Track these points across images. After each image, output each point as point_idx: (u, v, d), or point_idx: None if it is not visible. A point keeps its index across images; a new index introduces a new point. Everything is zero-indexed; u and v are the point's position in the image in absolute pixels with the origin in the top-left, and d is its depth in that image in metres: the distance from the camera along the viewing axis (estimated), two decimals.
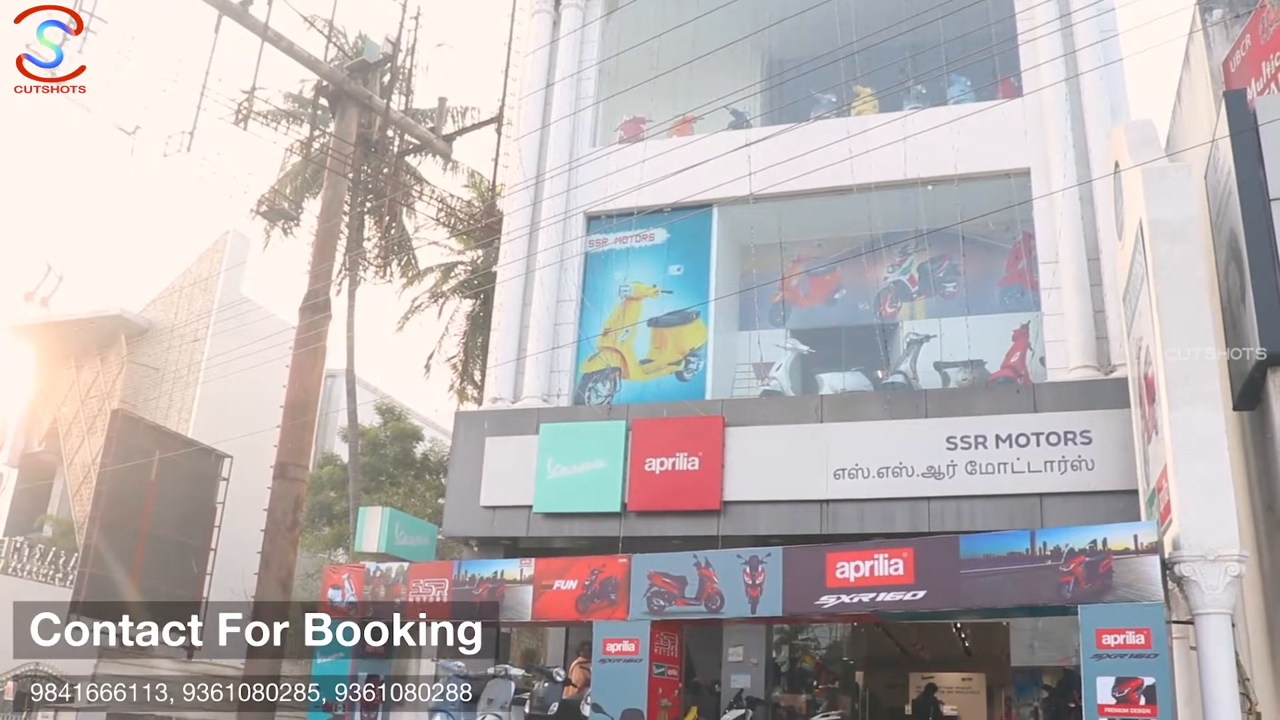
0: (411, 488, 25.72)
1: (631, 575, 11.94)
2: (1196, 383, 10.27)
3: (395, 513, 18.02)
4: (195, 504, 21.76)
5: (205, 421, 27.78)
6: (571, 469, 16.06)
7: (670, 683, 12.10)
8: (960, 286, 17.10)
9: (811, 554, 11.23)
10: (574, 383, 17.79)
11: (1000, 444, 14.32)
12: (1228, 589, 9.71)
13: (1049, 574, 9.97)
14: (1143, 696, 9.33)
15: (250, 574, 20.80)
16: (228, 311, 28.18)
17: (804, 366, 17.56)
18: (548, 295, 17.89)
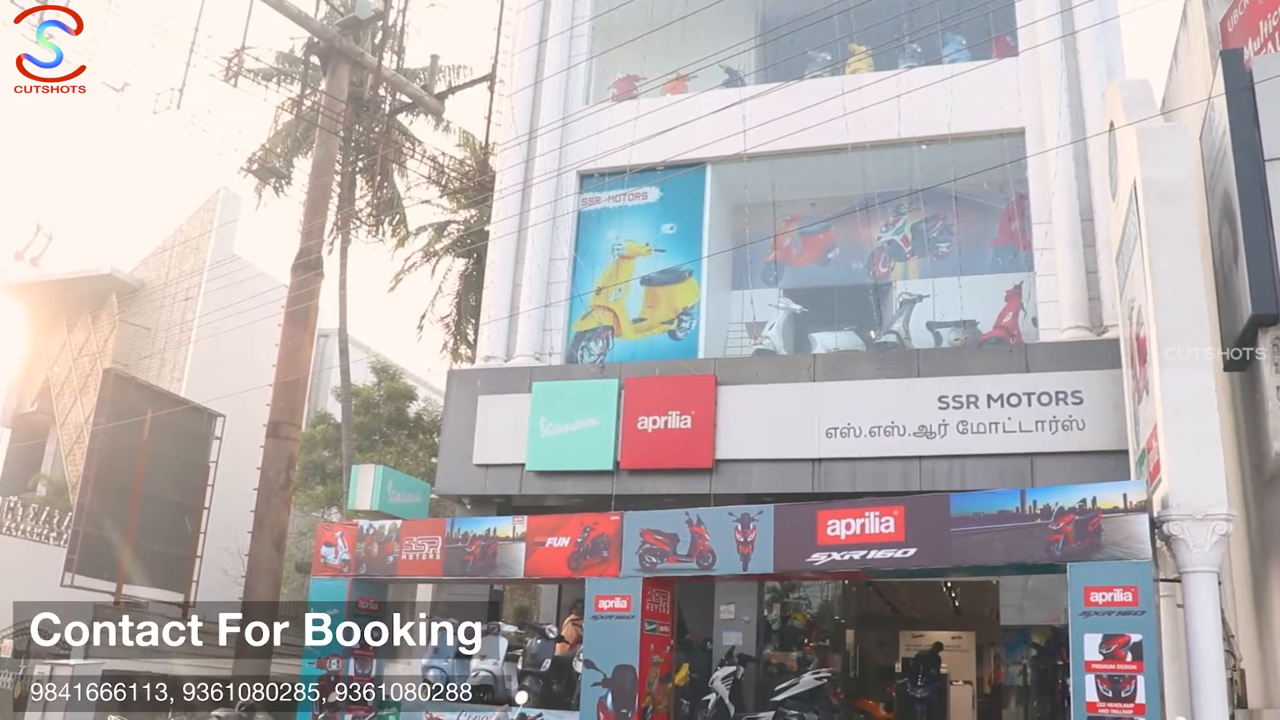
0: (405, 447, 25.74)
1: (624, 532, 11.99)
2: (1187, 343, 10.27)
3: (388, 471, 18.04)
4: (188, 463, 21.79)
5: (198, 381, 27.80)
6: (564, 427, 16.08)
7: (662, 639, 12.18)
8: (953, 246, 17.06)
9: (803, 512, 11.28)
10: (567, 341, 17.78)
11: (992, 404, 14.35)
12: (1215, 547, 9.77)
13: (1039, 532, 10.03)
14: (1129, 653, 9.42)
15: (244, 532, 20.89)
16: (219, 270, 28.09)
17: (797, 326, 17.55)
18: (540, 254, 17.84)
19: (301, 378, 19.70)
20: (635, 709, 11.49)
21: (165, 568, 21.01)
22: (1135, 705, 9.30)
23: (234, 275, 27.40)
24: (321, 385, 30.57)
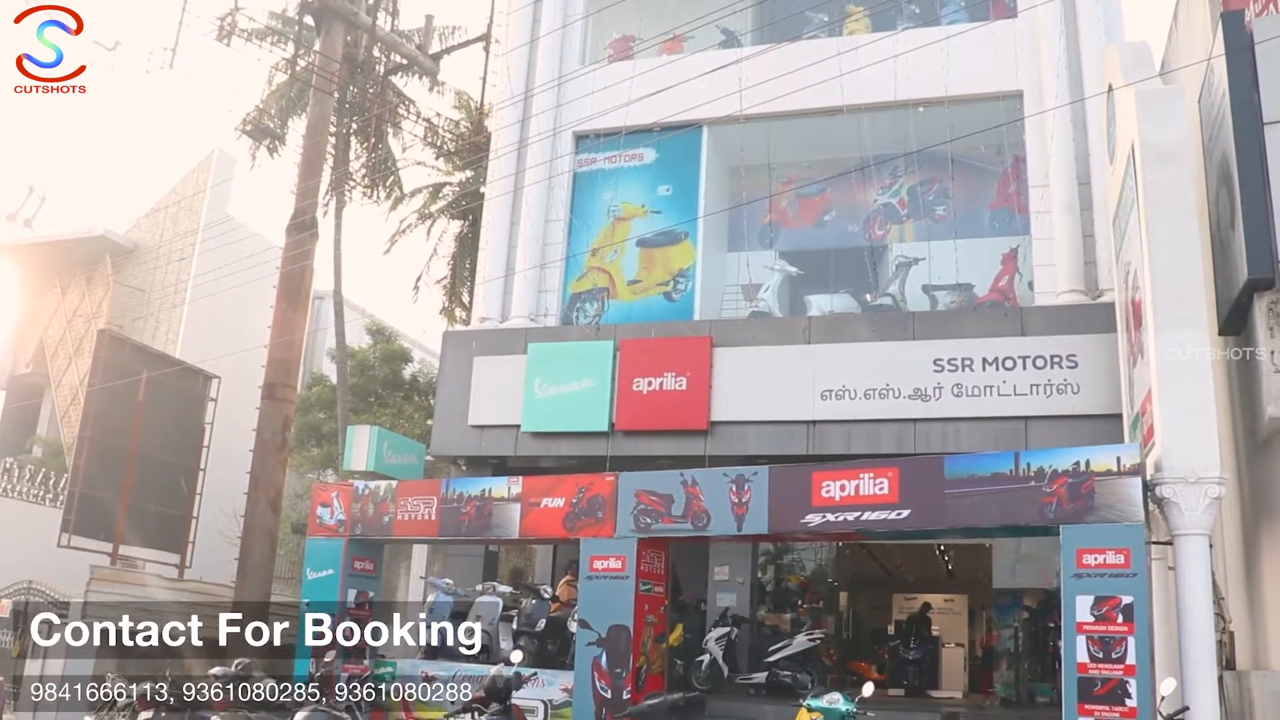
0: (400, 409, 25.71)
1: (619, 493, 12.04)
2: (1183, 306, 10.29)
3: (383, 431, 18.06)
4: (184, 424, 21.77)
5: (192, 342, 27.71)
6: (559, 389, 16.08)
7: (656, 599, 12.24)
8: (950, 210, 17.03)
9: (797, 473, 11.32)
10: (562, 303, 17.75)
11: (987, 367, 14.37)
12: (1207, 510, 9.83)
13: (1032, 494, 10.07)
14: (1120, 615, 9.48)
15: (240, 494, 20.91)
16: (213, 231, 27.96)
17: (792, 288, 17.54)
18: (535, 215, 17.77)
19: (296, 339, 19.66)
20: (629, 668, 11.56)
21: (161, 529, 21.06)
22: (1125, 666, 9.37)
23: (228, 236, 27.27)
24: (317, 347, 30.50)
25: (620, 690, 11.49)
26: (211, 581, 21.26)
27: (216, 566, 22.41)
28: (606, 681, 11.60)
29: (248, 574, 18.88)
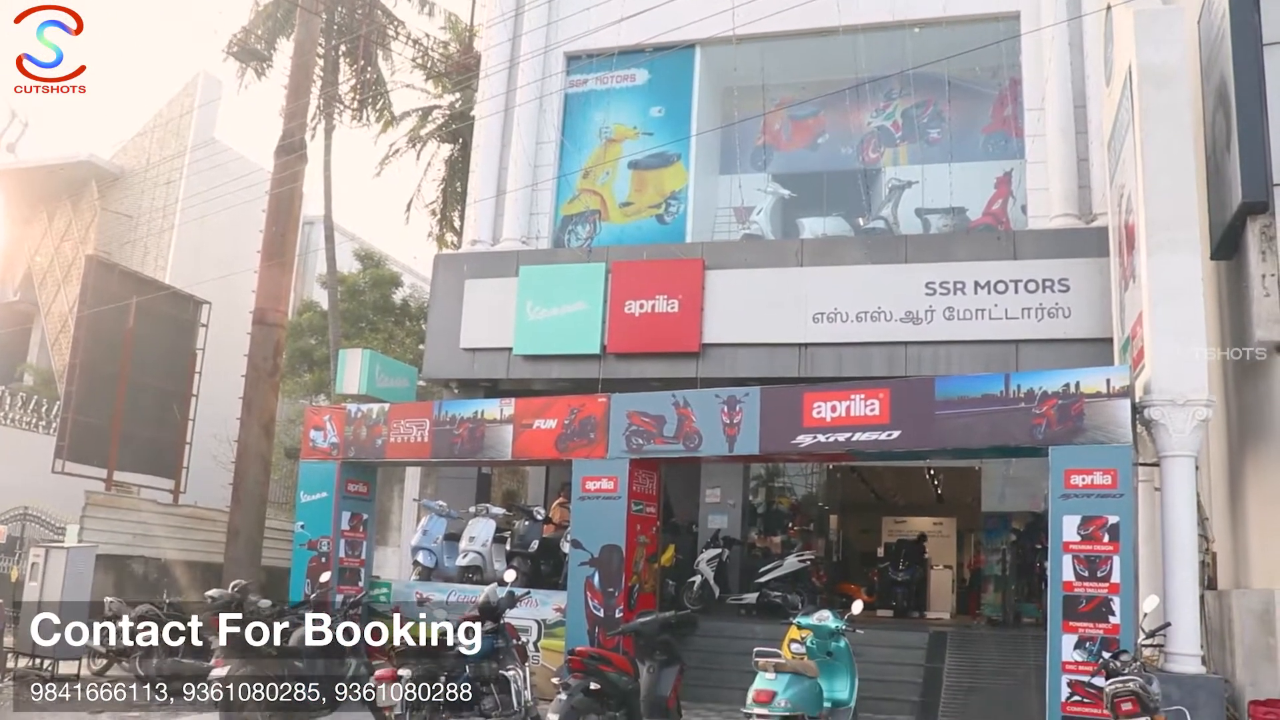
0: (391, 334, 25.70)
1: (610, 414, 12.06)
2: (1176, 229, 10.28)
3: (375, 355, 18.04)
4: (175, 350, 21.74)
5: (181, 268, 27.59)
6: (551, 311, 16.07)
7: (648, 520, 12.33)
8: (944, 133, 16.92)
9: (789, 394, 11.34)
10: (553, 225, 17.67)
11: (979, 290, 14.37)
12: (1194, 433, 9.91)
13: (1022, 416, 10.12)
14: (1106, 534, 9.58)
15: (233, 419, 20.96)
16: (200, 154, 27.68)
17: (785, 211, 17.47)
18: (526, 136, 17.62)
19: (286, 262, 19.57)
20: (622, 588, 11.68)
21: (155, 454, 21.12)
22: (1110, 584, 9.49)
23: (215, 160, 27.01)
24: (307, 273, 30.36)
25: (613, 609, 11.62)
26: (206, 506, 21.39)
27: (211, 491, 22.54)
28: (599, 600, 11.73)
29: (242, 499, 18.99)
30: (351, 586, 13.53)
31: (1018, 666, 12.47)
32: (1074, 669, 9.44)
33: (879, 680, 11.68)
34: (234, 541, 18.70)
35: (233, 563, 18.28)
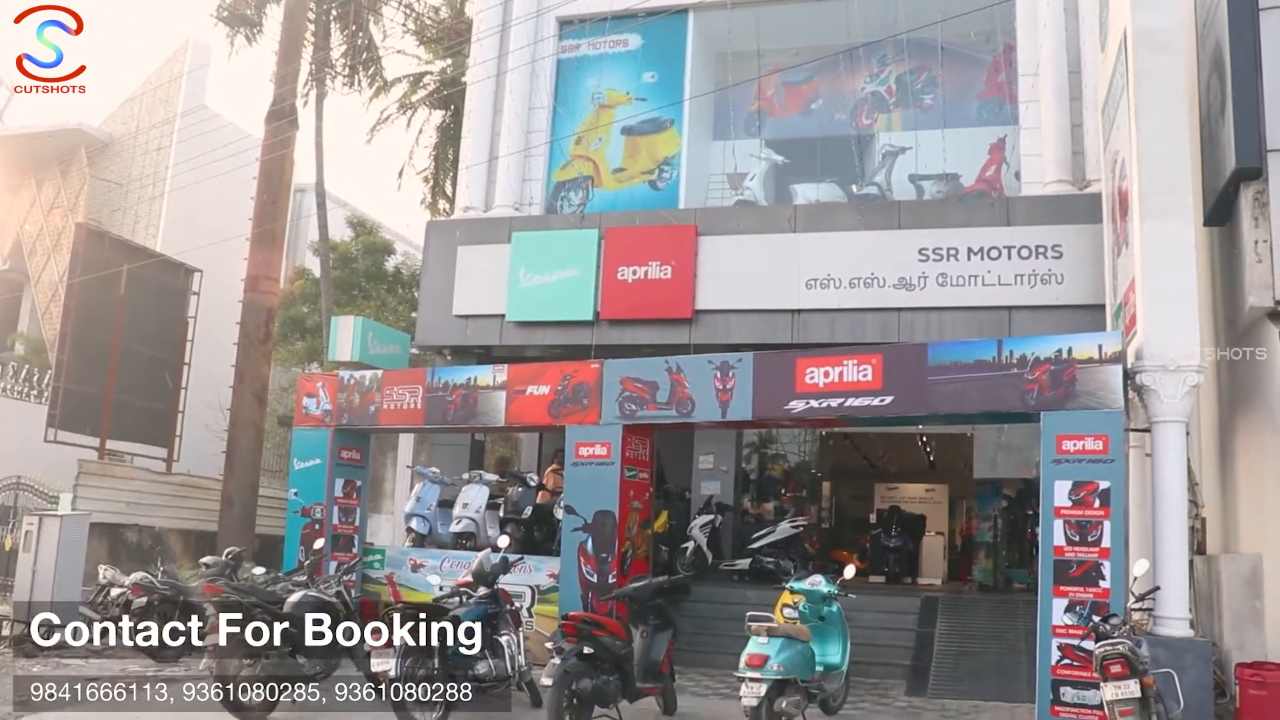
0: (384, 301, 25.64)
1: (603, 380, 12.04)
2: (1169, 195, 10.26)
3: (368, 322, 18.01)
4: (167, 318, 21.68)
5: (172, 236, 27.44)
6: (544, 278, 16.04)
7: (641, 485, 12.34)
8: (938, 99, 16.84)
9: (781, 359, 11.32)
10: (546, 191, 17.61)
11: (972, 256, 14.38)
12: (1185, 398, 9.94)
13: (1014, 381, 10.12)
14: (1097, 499, 9.60)
15: (225, 387, 20.93)
16: (189, 121, 27.47)
17: (778, 176, 17.43)
18: (519, 102, 17.53)
19: (278, 229, 19.48)
20: (615, 553, 11.69)
21: (147, 423, 21.10)
22: (1100, 549, 9.52)
23: (205, 126, 26.83)
24: (299, 240, 30.25)
25: (606, 575, 11.65)
26: (200, 475, 21.40)
27: (204, 460, 22.55)
28: (592, 566, 11.75)
29: (235, 466, 18.99)
30: (345, 553, 13.56)
31: (1008, 631, 12.56)
32: (1064, 633, 9.49)
33: (871, 644, 11.76)
34: (227, 509, 18.71)
35: (226, 531, 18.30)
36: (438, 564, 12.95)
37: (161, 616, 12.29)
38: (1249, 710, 9.37)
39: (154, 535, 19.34)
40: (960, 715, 10.26)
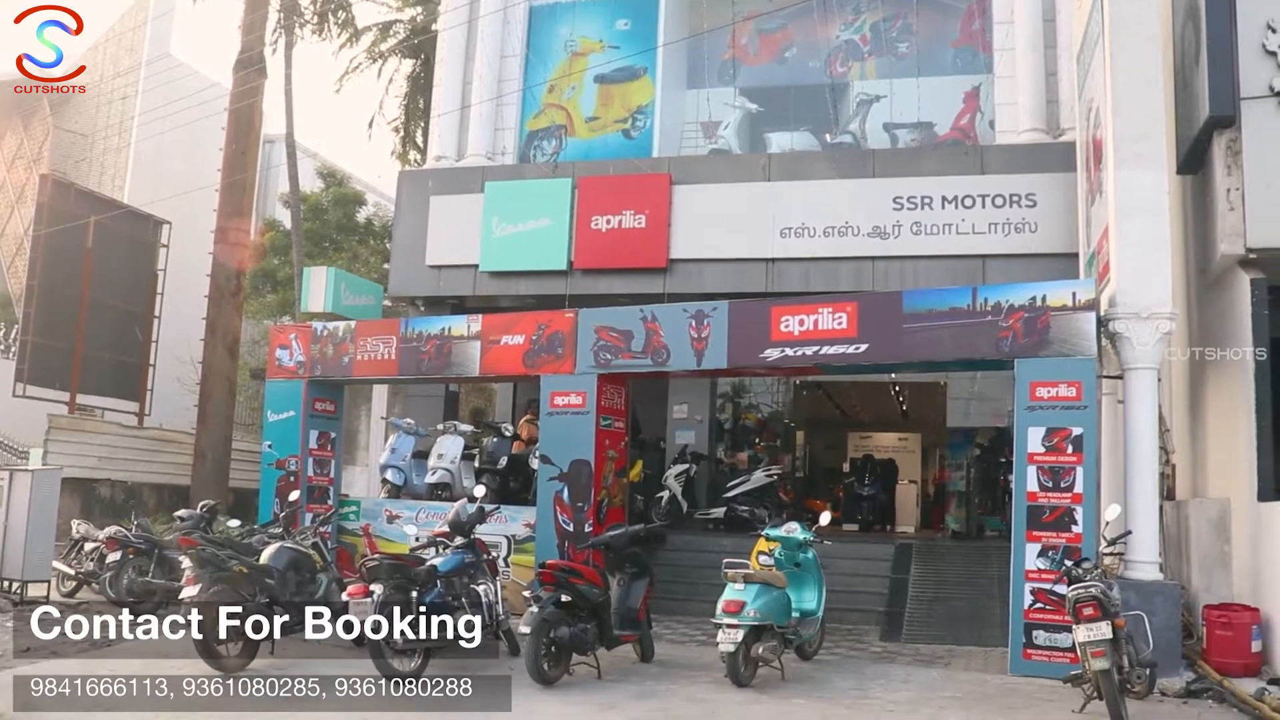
0: (355, 253, 25.37)
1: (578, 329, 12.00)
2: (1143, 143, 10.29)
3: (341, 272, 17.83)
4: (136, 271, 21.40)
5: (139, 188, 27.06)
6: (517, 227, 15.93)
7: (617, 435, 12.36)
8: (912, 47, 16.76)
9: (756, 308, 11.33)
10: (519, 140, 17.45)
11: (946, 205, 14.38)
12: (1157, 345, 10.02)
13: (989, 329, 10.16)
14: (1070, 445, 9.69)
15: (196, 340, 20.74)
16: (155, 69, 26.99)
17: (752, 125, 17.30)
18: (491, 50, 17.32)
19: (248, 180, 19.22)
20: (591, 502, 11.73)
21: (118, 376, 20.91)
22: (1073, 494, 9.64)
23: (171, 75, 26.37)
24: (269, 192, 29.86)
25: (582, 523, 11.69)
26: (171, 428, 21.25)
27: (175, 413, 22.38)
28: (569, 515, 11.79)
29: (208, 419, 18.87)
30: (320, 505, 13.53)
31: (980, 577, 12.69)
32: (1037, 577, 9.61)
33: (846, 591, 11.87)
34: (200, 463, 18.62)
35: (200, 484, 18.21)
36: (413, 515, 12.95)
37: (137, 570, 12.29)
38: (1215, 649, 9.54)
39: (126, 489, 19.22)
40: (934, 659, 10.38)
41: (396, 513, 13.40)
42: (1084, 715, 7.74)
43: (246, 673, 8.80)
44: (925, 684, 9.02)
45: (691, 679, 9.00)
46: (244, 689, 8.21)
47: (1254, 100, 10.40)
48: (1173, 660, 9.15)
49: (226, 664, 8.79)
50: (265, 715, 7.45)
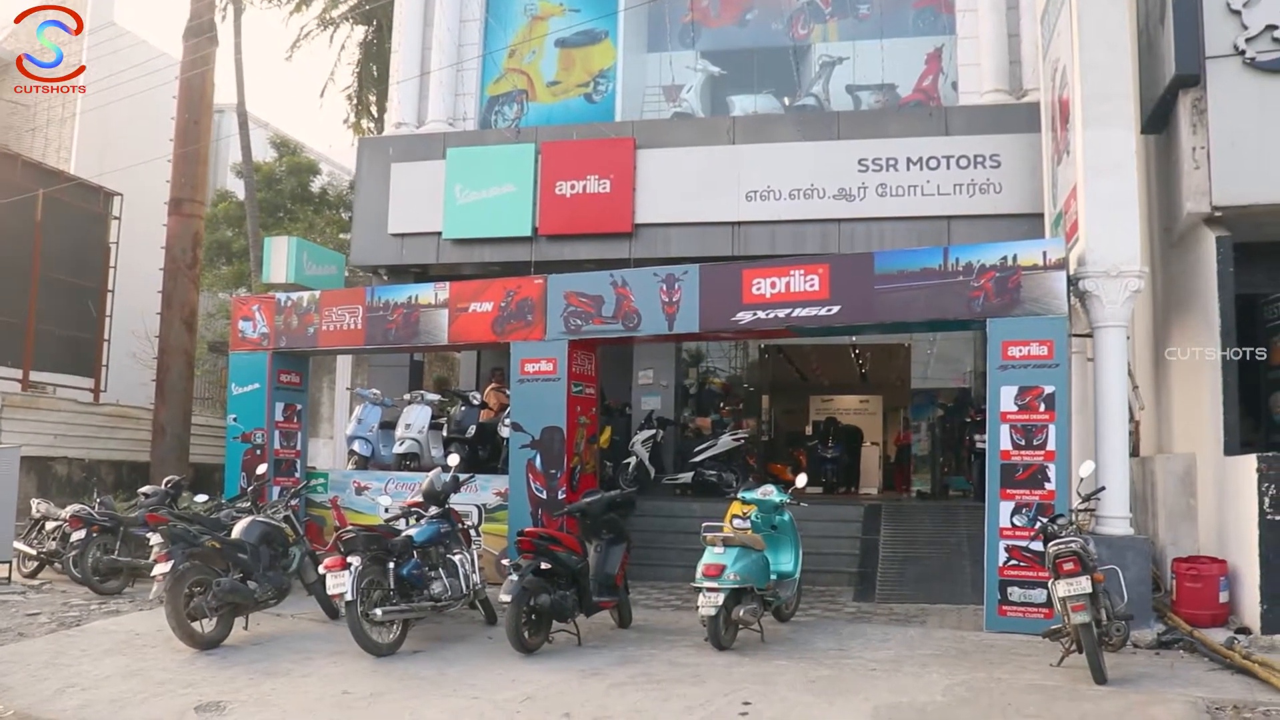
0: (311, 222, 25.01)
1: (548, 295, 11.88)
2: (1111, 102, 10.33)
3: (303, 242, 17.54)
4: (87, 244, 20.96)
5: (87, 160, 26.43)
6: (481, 194, 15.75)
7: (588, 401, 12.28)
8: (874, 8, 16.69)
9: (728, 271, 11.28)
10: (480, 106, 17.24)
11: (911, 166, 14.38)
12: (1126, 304, 10.12)
13: (960, 289, 10.20)
14: (1043, 404, 9.78)
15: (152, 314, 20.38)
16: (99, 38, 26.32)
17: (714, 88, 17.18)
18: (450, 14, 17.06)
19: (201, 149, 18.83)
20: (564, 469, 11.66)
21: (72, 353, 20.52)
22: (1046, 452, 9.72)
23: (115, 44, 25.73)
24: (220, 162, 29.29)
25: (555, 491, 11.62)
26: (129, 405, 20.90)
27: (131, 389, 22.02)
28: (541, 483, 11.72)
29: (167, 395, 18.53)
30: (288, 478, 13.38)
31: (950, 536, 12.81)
32: (1011, 534, 9.70)
33: (817, 553, 11.91)
34: (160, 439, 18.30)
35: (160, 461, 17.92)
36: (382, 486, 12.84)
37: (102, 548, 12.07)
38: (1184, 601, 9.69)
39: (84, 467, 18.91)
40: (909, 618, 10.46)
41: (365, 484, 13.27)
42: (1062, 668, 7.84)
43: (222, 648, 8.73)
44: (904, 642, 9.08)
45: (672, 643, 9.01)
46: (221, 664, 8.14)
47: (1219, 59, 10.49)
48: (1144, 613, 9.29)
49: (202, 639, 8.68)
50: (243, 690, 7.35)
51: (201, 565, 8.92)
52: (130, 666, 8.11)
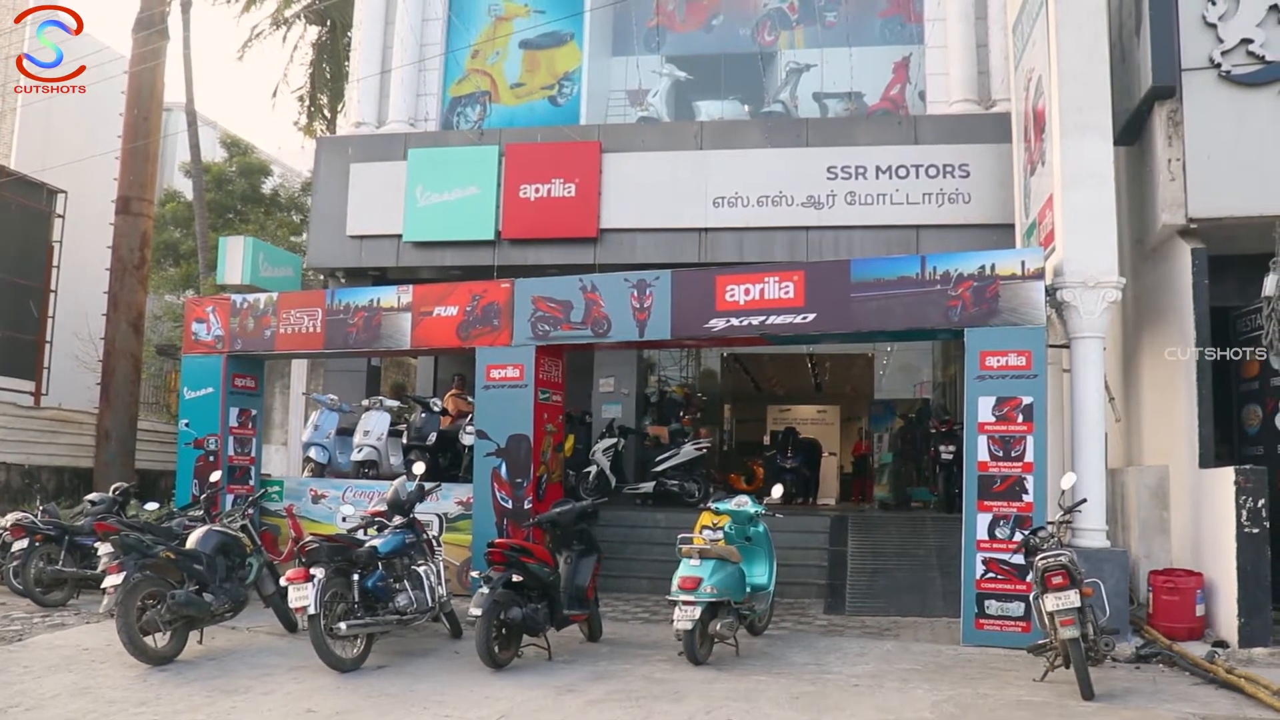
0: (262, 224, 24.44)
1: (515, 300, 11.58)
2: (1088, 112, 10.32)
3: (259, 243, 17.07)
4: (29, 243, 20.23)
5: (27, 156, 25.69)
6: (442, 196, 15.39)
7: (555, 408, 12.01)
8: (841, 16, 16.60)
9: (700, 277, 11.05)
10: (442, 106, 16.91)
11: (880, 175, 14.27)
12: (1104, 314, 10.07)
13: (938, 298, 10.07)
14: (1020, 414, 9.66)
15: (97, 315, 19.78)
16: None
17: (680, 93, 16.99)
18: (411, 13, 16.72)
19: (150, 146, 18.31)
20: (530, 478, 11.37)
21: (11, 354, 19.81)
22: (1024, 463, 9.61)
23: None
24: (167, 162, 28.61)
25: (521, 500, 11.32)
26: (71, 408, 20.26)
27: (75, 393, 21.33)
28: (507, 492, 11.41)
29: (112, 399, 17.99)
30: (242, 486, 12.95)
31: (918, 548, 12.68)
32: (988, 547, 9.56)
33: (786, 565, 11.63)
34: (105, 444, 17.74)
35: (105, 467, 17.36)
36: (340, 494, 12.46)
37: (46, 558, 11.55)
38: (1161, 614, 9.62)
39: (24, 473, 18.26)
40: (882, 631, 10.29)
41: (322, 492, 12.89)
42: (1046, 684, 7.70)
43: (176, 664, 8.33)
44: (881, 657, 8.90)
45: (645, 658, 8.75)
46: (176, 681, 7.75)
47: (1195, 71, 10.52)
48: (1121, 626, 9.19)
49: (155, 655, 8.28)
50: (201, 709, 6.97)
51: (155, 577, 8.51)
52: (79, 684, 7.68)
